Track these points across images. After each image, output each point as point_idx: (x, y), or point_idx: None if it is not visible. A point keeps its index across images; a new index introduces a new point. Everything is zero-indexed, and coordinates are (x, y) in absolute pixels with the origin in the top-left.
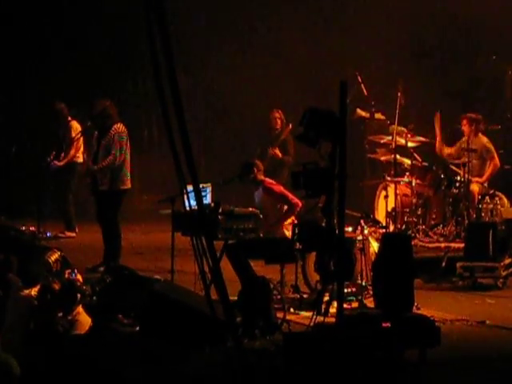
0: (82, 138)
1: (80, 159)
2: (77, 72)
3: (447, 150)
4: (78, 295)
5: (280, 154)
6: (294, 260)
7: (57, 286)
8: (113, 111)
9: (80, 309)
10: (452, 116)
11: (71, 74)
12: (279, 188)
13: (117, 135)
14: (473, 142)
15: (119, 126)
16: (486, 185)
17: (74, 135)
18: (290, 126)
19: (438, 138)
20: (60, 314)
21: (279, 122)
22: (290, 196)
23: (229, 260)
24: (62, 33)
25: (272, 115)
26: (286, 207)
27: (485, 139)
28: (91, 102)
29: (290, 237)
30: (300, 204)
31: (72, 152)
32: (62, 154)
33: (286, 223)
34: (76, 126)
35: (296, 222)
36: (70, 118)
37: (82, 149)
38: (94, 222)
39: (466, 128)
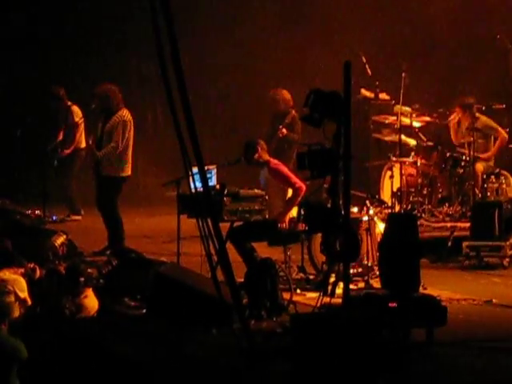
0: (83, 123)
1: (83, 144)
2: (80, 55)
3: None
4: (81, 278)
5: (285, 131)
6: (296, 241)
7: (63, 269)
8: (118, 96)
9: (89, 292)
10: (455, 93)
11: (74, 58)
12: (285, 169)
13: (121, 122)
14: (474, 124)
15: (124, 113)
16: (491, 164)
17: (76, 120)
18: (293, 111)
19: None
20: (69, 299)
21: (281, 103)
22: (294, 179)
23: (232, 244)
24: (64, 16)
25: (271, 97)
26: (290, 191)
27: (483, 118)
28: (96, 85)
29: (291, 218)
30: (304, 188)
31: (77, 137)
32: (69, 142)
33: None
34: (77, 111)
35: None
36: (69, 103)
37: (83, 134)
38: None
39: (462, 115)
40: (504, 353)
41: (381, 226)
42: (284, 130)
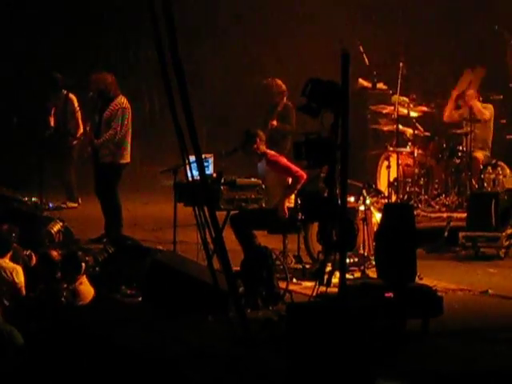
0: (80, 111)
1: (80, 130)
2: (77, 43)
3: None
4: (83, 264)
5: (275, 123)
6: (296, 231)
7: (56, 255)
8: (114, 83)
9: (84, 279)
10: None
11: (71, 46)
12: (283, 160)
13: (120, 110)
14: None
15: (122, 100)
16: (488, 154)
17: (75, 107)
18: (285, 98)
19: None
20: (64, 286)
21: (275, 93)
22: (295, 168)
23: (233, 230)
24: (61, 4)
25: (263, 86)
26: (290, 180)
27: (490, 106)
28: (93, 73)
29: (291, 207)
30: (305, 176)
31: (80, 123)
32: (78, 131)
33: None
34: (75, 98)
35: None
36: (65, 91)
37: (80, 120)
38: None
39: (471, 80)
40: (499, 343)
41: (377, 216)
42: (274, 123)
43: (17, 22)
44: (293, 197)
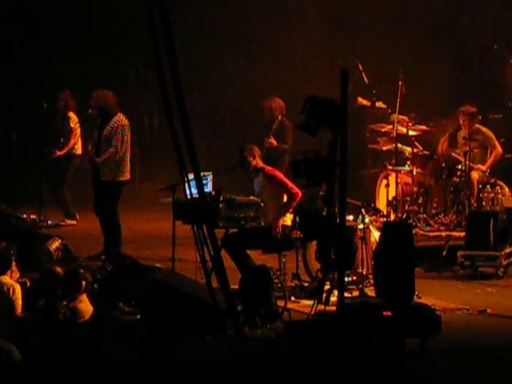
0: (79, 130)
1: (78, 151)
2: (77, 60)
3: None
4: (83, 283)
5: (275, 143)
6: (290, 249)
7: (61, 271)
8: (114, 101)
9: (83, 297)
10: (452, 103)
11: (71, 62)
12: (280, 175)
13: (120, 127)
14: (472, 133)
15: (121, 118)
16: (487, 173)
17: (72, 126)
18: (280, 117)
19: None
20: (64, 303)
21: (270, 111)
22: (290, 185)
23: (227, 252)
24: (61, 20)
25: (261, 106)
26: (285, 197)
27: (483, 128)
28: (92, 91)
29: (286, 225)
30: (300, 194)
31: (71, 142)
32: (64, 145)
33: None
34: (73, 117)
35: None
36: (65, 109)
37: (79, 141)
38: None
39: (463, 122)
40: (498, 362)
41: (376, 235)
42: (271, 141)
43: (19, 39)
44: (288, 215)
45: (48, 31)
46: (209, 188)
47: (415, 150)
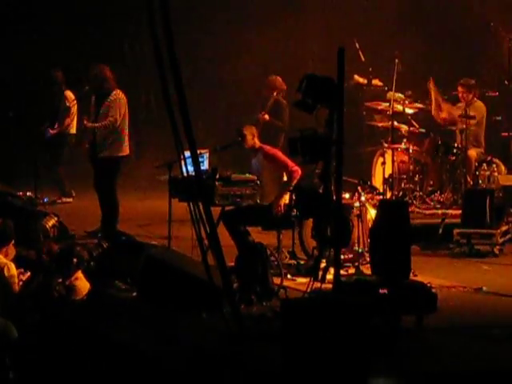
0: (75, 108)
1: (73, 130)
2: (74, 37)
3: (442, 115)
4: (74, 259)
5: (267, 117)
6: (290, 226)
7: (56, 249)
8: (111, 76)
9: (79, 274)
10: (449, 82)
11: (68, 40)
12: (279, 154)
13: (117, 100)
14: (471, 109)
15: (119, 93)
16: (482, 151)
17: (68, 104)
18: (276, 94)
19: (432, 105)
20: (59, 280)
21: (267, 88)
22: (290, 163)
23: (225, 227)
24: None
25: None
26: (285, 176)
27: (482, 104)
28: (89, 65)
29: (287, 203)
30: (300, 171)
31: (67, 121)
32: (57, 124)
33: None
34: (70, 96)
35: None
36: (62, 88)
37: (75, 119)
38: (91, 187)
39: (462, 94)
40: (493, 340)
41: (372, 213)
42: (266, 116)
43: (15, 21)
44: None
45: (44, 7)
46: (205, 166)
47: (411, 128)
